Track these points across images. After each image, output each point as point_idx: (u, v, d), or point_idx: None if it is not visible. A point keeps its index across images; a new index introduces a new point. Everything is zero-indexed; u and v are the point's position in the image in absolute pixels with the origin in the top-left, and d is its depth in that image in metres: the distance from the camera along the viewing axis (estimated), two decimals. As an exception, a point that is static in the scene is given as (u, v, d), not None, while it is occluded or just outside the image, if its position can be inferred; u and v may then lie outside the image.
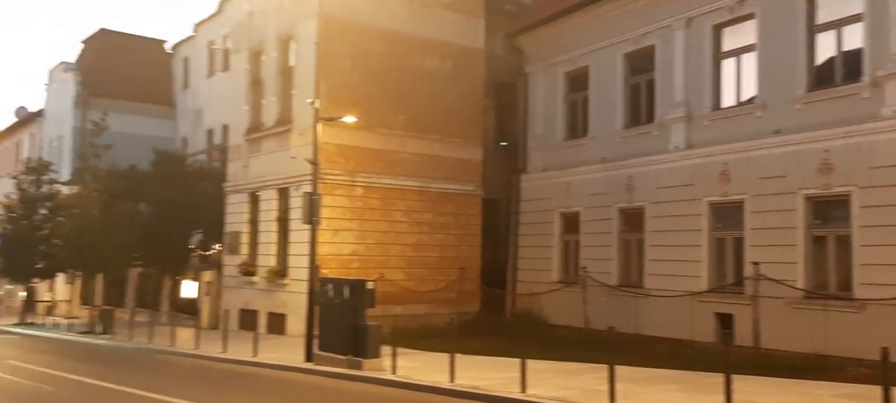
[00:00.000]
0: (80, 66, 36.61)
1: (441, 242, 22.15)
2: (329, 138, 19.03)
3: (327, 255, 19.32)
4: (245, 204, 23.54)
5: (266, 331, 20.74)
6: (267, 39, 23.01)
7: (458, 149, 22.79)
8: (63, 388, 12.89)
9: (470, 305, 21.79)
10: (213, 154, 30.93)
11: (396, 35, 21.66)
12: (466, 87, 23.07)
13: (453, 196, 22.62)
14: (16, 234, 29.48)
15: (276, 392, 12.31)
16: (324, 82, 20.04)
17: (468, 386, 11.61)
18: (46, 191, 30.14)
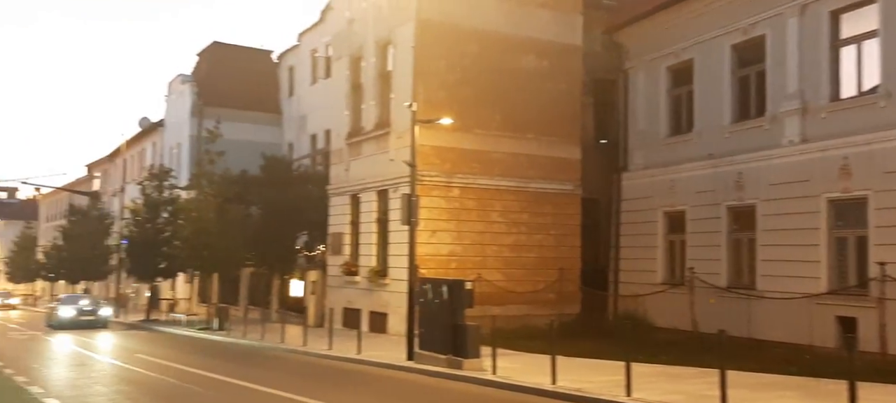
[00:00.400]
0: (195, 77, 38.99)
1: (539, 243, 21.91)
2: (426, 140, 19.24)
3: (425, 256, 19.54)
4: (347, 205, 24.23)
5: (368, 329, 21.24)
6: (366, 45, 23.59)
7: (555, 148, 22.48)
8: (185, 380, 13.72)
9: (570, 307, 21.41)
10: (317, 158, 32.10)
11: (492, 35, 21.64)
12: (564, 85, 22.71)
13: (551, 195, 22.33)
14: (141, 236, 31.79)
15: (382, 390, 12.56)
16: (421, 85, 20.30)
17: (571, 389, 11.38)
18: (167, 196, 32.27)
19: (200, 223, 25.94)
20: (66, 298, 31.89)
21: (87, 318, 28.47)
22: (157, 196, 32.35)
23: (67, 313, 28.47)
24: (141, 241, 31.79)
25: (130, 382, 13.61)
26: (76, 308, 28.95)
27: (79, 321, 28.06)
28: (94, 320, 28.52)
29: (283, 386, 12.24)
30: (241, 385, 12.77)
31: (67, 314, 28.40)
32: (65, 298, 31.97)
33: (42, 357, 18.38)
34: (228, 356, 18.39)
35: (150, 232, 31.63)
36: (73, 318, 28.20)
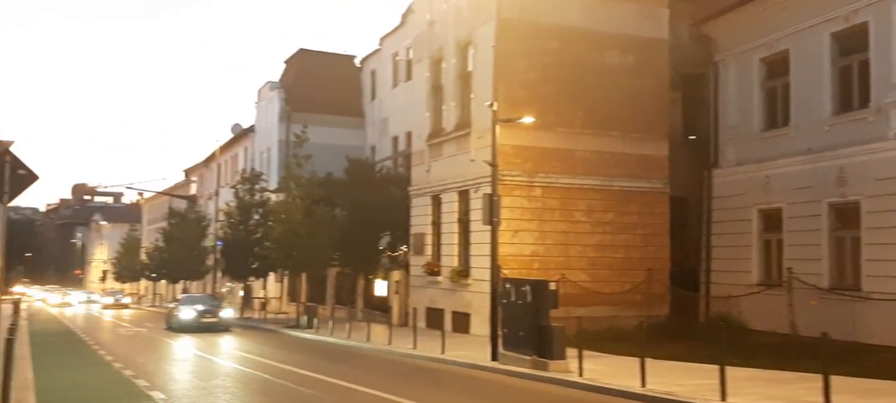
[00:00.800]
0: (283, 84, 40.44)
1: (625, 242, 21.38)
2: (507, 139, 19.15)
3: (507, 256, 19.43)
4: (428, 206, 24.45)
5: (451, 329, 21.34)
6: (446, 47, 23.74)
7: (641, 145, 21.88)
8: (277, 375, 14.23)
9: (658, 308, 20.78)
10: (398, 160, 32.60)
11: (573, 31, 21.30)
12: (649, 80, 22.08)
13: (637, 194, 21.75)
14: (234, 238, 33.24)
15: (469, 390, 12.59)
16: (501, 84, 20.21)
17: (662, 392, 11.03)
18: (258, 199, 33.59)
19: (289, 224, 26.81)
20: (186, 299, 30.15)
21: (209, 321, 26.50)
22: (249, 198, 33.72)
23: (188, 314, 26.60)
24: (234, 242, 33.24)
25: (227, 376, 14.22)
26: (196, 309, 26.91)
27: (199, 323, 26.19)
28: (216, 322, 26.59)
29: (372, 384, 12.47)
30: (331, 382, 13.11)
31: (188, 316, 26.55)
32: (185, 299, 30.28)
33: (169, 360, 19.40)
34: (317, 353, 18.91)
35: (243, 233, 33.01)
36: (193, 320, 26.34)
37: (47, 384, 12.31)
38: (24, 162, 11.03)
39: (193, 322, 26.24)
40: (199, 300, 29.27)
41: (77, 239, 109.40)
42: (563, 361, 13.24)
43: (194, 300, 29.26)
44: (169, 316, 28.77)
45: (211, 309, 27.17)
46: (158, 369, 15.63)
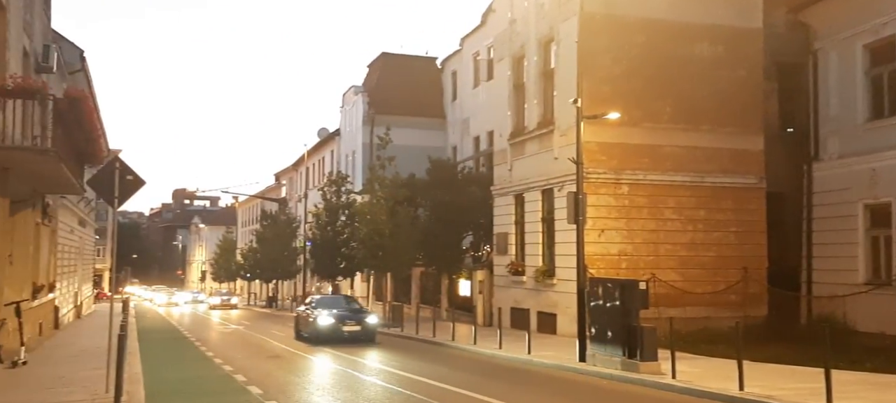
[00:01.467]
0: (366, 87, 41.31)
1: (719, 240, 20.57)
2: (591, 136, 18.78)
3: (594, 255, 19.09)
4: (511, 206, 24.34)
5: (536, 330, 21.16)
6: (528, 44, 23.57)
7: (734, 139, 20.99)
8: (364, 373, 14.55)
9: (755, 308, 19.87)
10: (480, 159, 32.63)
11: (660, 24, 20.68)
12: (742, 72, 21.16)
13: (731, 190, 20.88)
14: (322, 239, 34.24)
15: (558, 390, 12.43)
16: (585, 80, 19.84)
17: (761, 396, 10.52)
18: (344, 200, 34.47)
19: (374, 225, 27.34)
20: (321, 301, 23.52)
21: (351, 330, 20.84)
22: (336, 200, 34.65)
23: (326, 321, 20.92)
24: (322, 243, 34.25)
25: (310, 371, 14.64)
26: (336, 315, 21.32)
27: (341, 333, 20.63)
28: (359, 331, 20.90)
29: (461, 383, 12.53)
30: (419, 380, 13.27)
31: (326, 322, 20.90)
32: (319, 301, 23.56)
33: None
34: (404, 351, 19.14)
35: (330, 234, 33.97)
36: (332, 329, 20.71)
37: (154, 377, 13.04)
38: (132, 168, 11.71)
39: (333, 331, 20.67)
40: (336, 302, 23.51)
41: (178, 241, 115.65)
42: (655, 363, 12.87)
43: (331, 302, 23.40)
44: (300, 321, 23.10)
45: (354, 315, 21.66)
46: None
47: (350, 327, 20.92)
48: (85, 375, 12.68)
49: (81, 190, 20.12)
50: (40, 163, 14.23)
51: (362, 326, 21.04)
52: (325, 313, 21.29)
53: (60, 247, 25.33)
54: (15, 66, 14.74)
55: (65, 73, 22.63)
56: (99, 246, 56.87)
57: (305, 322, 22.16)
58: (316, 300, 23.91)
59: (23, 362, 13.83)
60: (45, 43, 18.61)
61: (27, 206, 17.33)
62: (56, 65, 18.80)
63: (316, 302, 23.40)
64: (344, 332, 20.66)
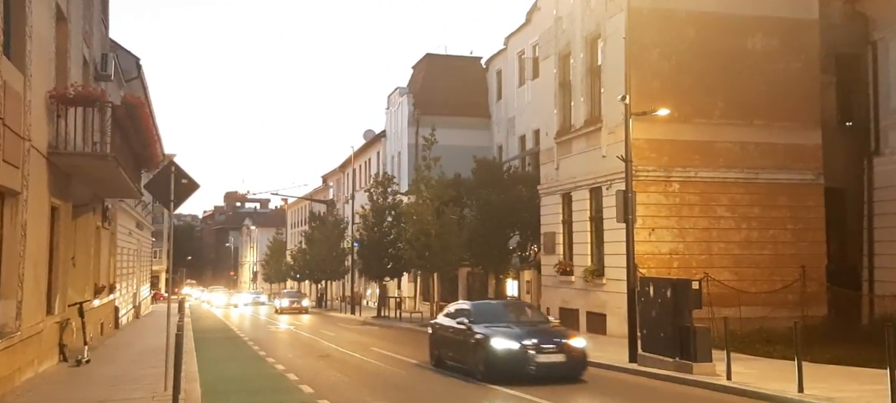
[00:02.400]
0: (411, 88, 41.56)
1: (774, 238, 19.98)
2: (640, 133, 18.47)
3: (644, 254, 18.77)
4: (558, 205, 24.14)
5: (586, 330, 20.93)
6: (574, 42, 23.34)
7: (790, 134, 20.36)
8: (412, 373, 14.65)
9: (814, 308, 19.16)
10: (526, 159, 32.46)
11: (710, 17, 20.22)
12: (798, 64, 20.51)
13: (787, 186, 20.26)
14: (370, 239, 34.59)
15: (608, 391, 12.24)
16: (633, 76, 19.43)
17: (822, 398, 10.16)
18: (391, 201, 34.75)
19: (420, 225, 27.47)
20: (482, 310, 14.93)
21: (550, 361, 12.77)
22: (382, 201, 34.95)
23: (505, 346, 12.79)
24: (370, 244, 34.59)
25: (349, 366, 14.77)
26: (521, 334, 13.06)
27: (532, 365, 12.66)
28: (563, 364, 12.85)
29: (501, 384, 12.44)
30: (468, 381, 13.25)
31: (506, 348, 12.77)
32: (479, 309, 14.86)
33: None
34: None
35: (377, 235, 34.28)
36: (518, 358, 12.68)
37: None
38: (186, 171, 12.03)
39: (519, 362, 12.65)
40: (506, 312, 14.94)
41: (230, 243, 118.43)
42: (709, 364, 12.57)
43: (498, 312, 14.83)
44: (443, 341, 14.95)
45: (548, 337, 13.23)
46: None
47: (548, 356, 12.65)
48: (144, 373, 13.09)
49: (139, 193, 20.81)
50: (100, 168, 14.76)
51: (567, 354, 12.78)
52: (502, 332, 13.04)
53: (119, 250, 26.22)
54: (75, 75, 15.33)
55: (122, 81, 23.43)
56: (155, 248, 58.65)
57: (458, 344, 14.07)
58: (471, 308, 14.83)
59: (86, 360, 14.36)
60: (103, 52, 19.30)
61: (88, 210, 18.01)
62: (113, 73, 19.47)
63: (472, 311, 14.51)
64: (536, 365, 12.53)
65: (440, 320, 15.73)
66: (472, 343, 13.40)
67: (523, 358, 12.67)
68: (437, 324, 15.66)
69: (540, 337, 13.09)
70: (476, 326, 13.62)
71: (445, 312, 15.97)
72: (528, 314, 15.23)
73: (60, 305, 14.71)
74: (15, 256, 11.20)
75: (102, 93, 15.16)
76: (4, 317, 10.96)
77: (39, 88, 12.28)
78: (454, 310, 15.44)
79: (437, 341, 15.27)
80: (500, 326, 13.52)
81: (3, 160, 10.22)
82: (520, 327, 13.61)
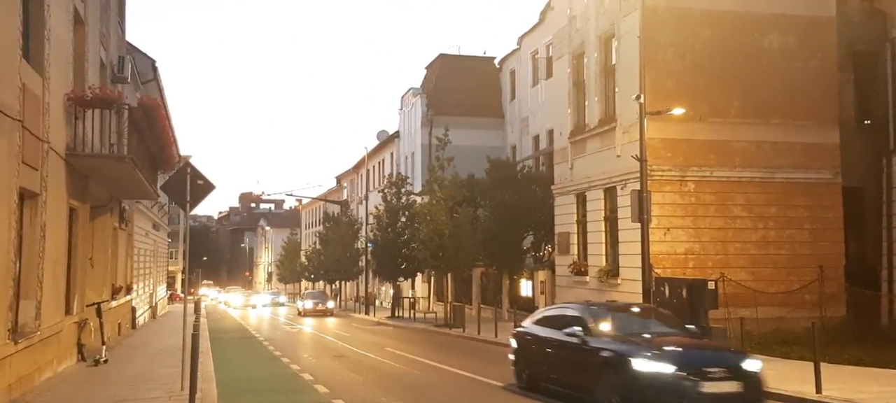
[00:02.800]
0: (424, 89, 41.61)
1: (791, 238, 19.78)
2: (655, 133, 18.38)
3: (659, 254, 18.66)
4: (572, 205, 24.05)
5: (600, 330, 20.81)
6: (588, 41, 23.25)
7: (807, 133, 20.15)
8: (426, 373, 14.66)
9: (833, 309, 19.00)
10: (540, 159, 32.38)
11: (726, 16, 20.05)
12: (814, 62, 20.30)
13: (804, 185, 20.05)
14: (384, 240, 34.66)
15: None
16: (648, 75, 19.35)
17: (841, 399, 10.05)
18: (404, 202, 34.79)
19: (434, 226, 27.48)
20: (600, 311, 11.40)
21: (722, 392, 9.20)
22: (396, 202, 35.01)
23: (658, 369, 9.18)
24: (384, 244, 34.66)
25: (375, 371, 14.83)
26: (679, 357, 9.48)
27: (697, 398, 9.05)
28: (739, 394, 9.29)
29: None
30: (482, 381, 13.25)
31: (659, 372, 9.16)
32: (596, 311, 11.30)
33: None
34: (465, 352, 19.21)
35: (391, 235, 34.34)
36: (678, 387, 9.07)
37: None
38: (202, 173, 12.12)
39: (680, 392, 9.10)
40: (639, 321, 11.45)
41: (245, 244, 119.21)
42: (725, 364, 12.43)
43: (630, 321, 11.38)
44: (538, 356, 11.90)
45: (716, 356, 10.03)
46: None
47: (716, 384, 9.20)
48: (162, 373, 13.21)
49: (155, 195, 20.99)
50: (117, 169, 14.90)
51: (744, 382, 9.36)
52: (645, 349, 9.57)
53: (136, 250, 26.47)
54: (92, 78, 15.49)
55: (138, 83, 23.65)
56: (171, 248, 59.13)
57: (568, 363, 10.89)
58: (585, 314, 11.02)
59: (104, 360, 14.51)
60: (120, 54, 19.49)
61: (105, 211, 18.20)
62: (130, 75, 19.67)
63: (587, 318, 10.84)
64: (699, 398, 9.08)
65: (531, 328, 12.34)
66: (597, 364, 9.78)
67: (680, 388, 8.91)
68: (528, 334, 12.23)
69: (701, 357, 9.50)
70: (599, 340, 10.09)
71: (537, 318, 12.73)
72: (664, 323, 11.06)
73: (79, 305, 14.87)
74: (34, 257, 11.34)
75: (119, 95, 15.31)
76: (24, 317, 11.10)
77: (58, 91, 12.42)
78: (554, 316, 11.95)
79: (529, 356, 11.94)
80: (635, 339, 9.99)
81: (22, 162, 10.35)
82: (663, 341, 9.95)
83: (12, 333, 10.32)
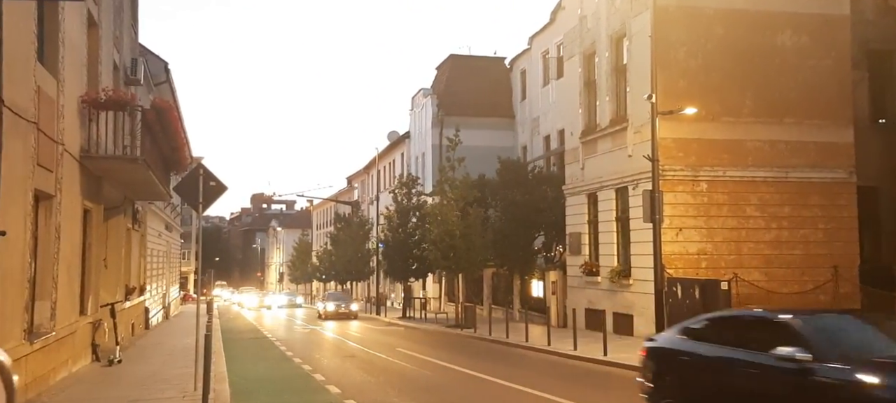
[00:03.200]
0: (435, 90, 41.62)
1: (805, 238, 19.63)
2: (666, 132, 18.30)
3: (672, 255, 18.57)
4: (584, 205, 23.97)
5: (612, 331, 20.73)
6: (599, 40, 23.18)
7: (820, 132, 20.00)
8: (438, 374, 14.64)
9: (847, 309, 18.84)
10: (551, 159, 32.31)
11: (738, 14, 19.93)
12: (828, 61, 20.14)
13: (818, 185, 19.89)
14: (394, 240, 34.69)
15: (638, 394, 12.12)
16: (660, 75, 19.27)
17: None
18: (415, 202, 34.80)
19: (445, 226, 27.47)
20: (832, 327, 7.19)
21: None
22: (407, 202, 35.03)
23: None
24: (395, 245, 34.68)
25: (392, 371, 14.86)
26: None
27: None
28: None
29: (540, 386, 12.41)
30: (494, 382, 13.25)
31: None
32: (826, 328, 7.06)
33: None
34: (476, 352, 19.18)
35: (402, 236, 34.36)
36: None
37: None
38: (214, 174, 12.16)
39: None
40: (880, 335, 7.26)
41: (257, 244, 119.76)
42: (739, 366, 12.30)
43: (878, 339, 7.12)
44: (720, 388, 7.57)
45: None
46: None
47: None
48: (175, 373, 13.29)
49: (168, 196, 21.12)
50: (131, 171, 15.01)
51: None
52: None
53: (149, 251, 26.65)
54: (106, 80, 15.61)
55: (151, 85, 23.81)
56: (184, 249, 59.45)
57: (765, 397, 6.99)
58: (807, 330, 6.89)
59: (118, 360, 14.62)
60: (133, 56, 19.64)
61: (119, 213, 18.34)
62: (143, 77, 19.81)
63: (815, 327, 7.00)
64: None
65: (682, 344, 8.35)
66: None
67: None
68: (683, 353, 8.21)
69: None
70: (844, 371, 6.28)
71: (692, 327, 8.53)
72: None
73: (93, 306, 14.99)
74: (50, 258, 11.44)
75: (132, 97, 15.42)
76: (40, 318, 11.20)
77: (72, 93, 12.53)
78: (731, 323, 8.25)
79: (686, 386, 8.05)
80: None
81: (37, 164, 10.44)
82: None
83: (28, 333, 10.42)
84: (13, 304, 9.59)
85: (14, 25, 9.18)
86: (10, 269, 9.48)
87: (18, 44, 9.52)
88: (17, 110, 9.34)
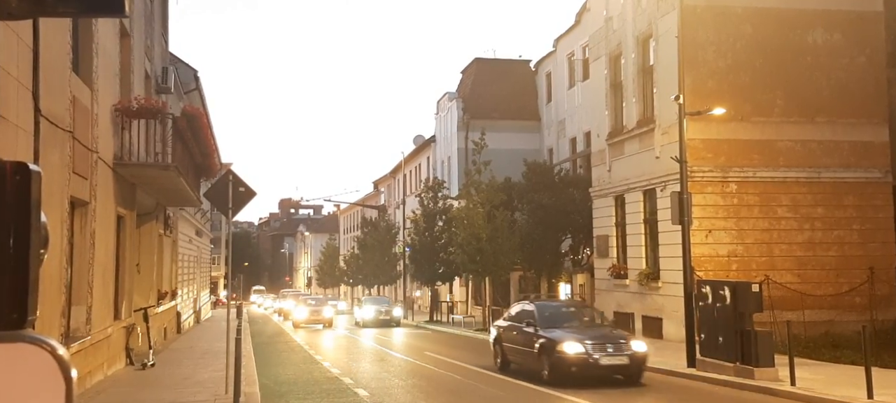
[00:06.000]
0: (460, 93, 41.63)
1: (840, 239, 19.24)
2: (695, 133, 18.08)
3: (701, 257, 18.34)
4: (611, 207, 23.80)
5: (642, 334, 20.55)
6: (625, 42, 23.01)
7: (854, 131, 19.60)
8: (467, 377, 14.63)
9: (884, 311, 18.42)
10: (577, 161, 32.11)
11: (768, 13, 19.64)
12: (862, 59, 19.75)
13: (853, 185, 19.49)
14: (421, 244, 34.75)
15: (667, 396, 12.00)
16: (688, 75, 19.08)
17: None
18: (441, 206, 34.83)
19: (471, 229, 27.45)
20: None
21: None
22: (433, 206, 35.07)
23: None
24: (421, 248, 34.74)
25: (416, 374, 14.88)
26: None
27: None
28: None
29: (562, 387, 12.35)
30: (518, 384, 13.18)
31: None
32: None
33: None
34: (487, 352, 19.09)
35: (429, 240, 34.42)
36: None
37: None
38: (243, 180, 12.32)
39: None
40: None
41: (285, 249, 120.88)
42: (772, 368, 12.19)
43: None
44: None
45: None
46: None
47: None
48: (206, 376, 13.48)
49: (198, 202, 21.44)
50: (163, 177, 15.28)
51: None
52: None
53: (180, 256, 27.08)
54: (138, 88, 15.93)
55: (181, 93, 24.22)
56: (214, 254, 60.26)
57: None
58: None
59: (152, 364, 14.87)
60: (164, 65, 20.00)
61: (151, 219, 18.67)
62: (173, 85, 20.16)
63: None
64: None
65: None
66: None
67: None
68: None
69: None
70: None
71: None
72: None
73: (127, 310, 15.28)
74: (85, 264, 11.70)
75: (164, 105, 15.71)
76: (76, 322, 11.45)
77: (105, 102, 12.81)
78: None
79: None
80: None
81: (73, 172, 10.69)
82: None
83: (65, 338, 10.66)
84: (50, 309, 9.83)
85: (50, 37, 9.42)
86: (48, 275, 9.72)
87: (54, 55, 9.77)
88: (53, 120, 9.58)
